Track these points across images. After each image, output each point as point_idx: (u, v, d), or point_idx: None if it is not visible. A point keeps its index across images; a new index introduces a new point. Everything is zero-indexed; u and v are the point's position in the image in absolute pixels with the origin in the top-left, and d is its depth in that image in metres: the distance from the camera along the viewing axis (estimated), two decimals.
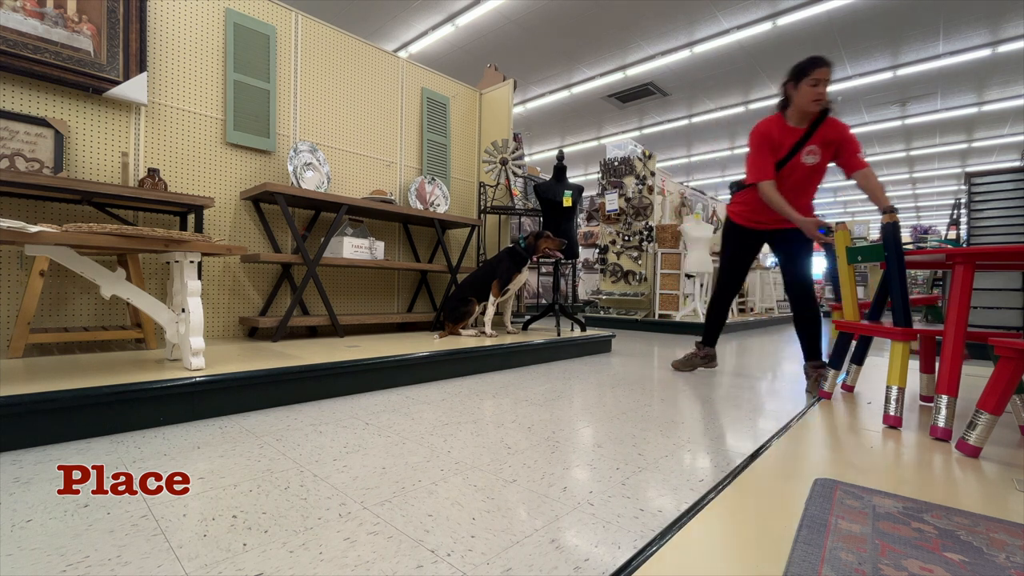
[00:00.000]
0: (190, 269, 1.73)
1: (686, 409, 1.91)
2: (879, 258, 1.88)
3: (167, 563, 0.79)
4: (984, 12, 5.56)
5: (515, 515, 0.99)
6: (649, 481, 1.18)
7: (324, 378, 1.96)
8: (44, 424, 1.34)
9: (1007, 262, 1.74)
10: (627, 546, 0.88)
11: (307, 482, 1.13)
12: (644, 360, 3.26)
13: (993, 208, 4.03)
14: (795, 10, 5.67)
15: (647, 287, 5.94)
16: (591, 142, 10.72)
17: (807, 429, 1.64)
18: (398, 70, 3.74)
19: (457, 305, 3.13)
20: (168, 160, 2.65)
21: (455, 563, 0.81)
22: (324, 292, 2.88)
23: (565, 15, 5.97)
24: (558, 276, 3.72)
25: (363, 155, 3.53)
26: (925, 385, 2.11)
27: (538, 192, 3.56)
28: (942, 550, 0.85)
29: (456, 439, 1.47)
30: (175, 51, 2.67)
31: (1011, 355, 1.33)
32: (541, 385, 2.32)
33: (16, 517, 0.93)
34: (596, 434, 1.55)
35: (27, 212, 2.25)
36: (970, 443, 1.39)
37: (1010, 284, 3.75)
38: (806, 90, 2.10)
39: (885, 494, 1.09)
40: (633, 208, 5.96)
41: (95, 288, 2.44)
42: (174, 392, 1.56)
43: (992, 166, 11.34)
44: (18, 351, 1.95)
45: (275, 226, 3.11)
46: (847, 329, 2.05)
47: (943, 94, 7.69)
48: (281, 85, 3.08)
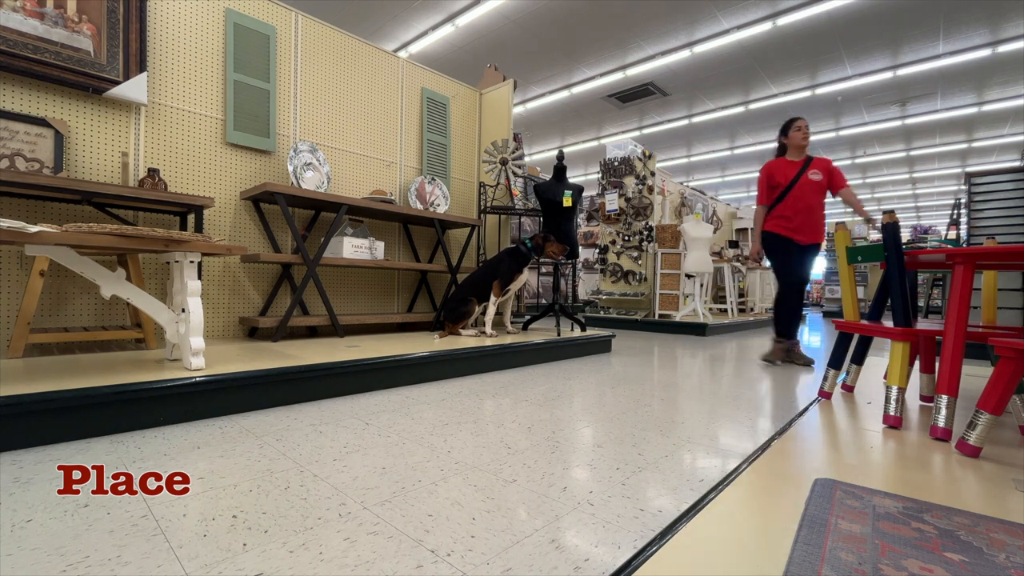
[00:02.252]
0: (190, 269, 1.73)
1: (686, 409, 1.91)
2: (879, 258, 1.88)
3: (167, 563, 0.79)
4: (984, 12, 5.56)
5: (515, 515, 0.99)
6: (649, 481, 1.18)
7: (324, 378, 1.96)
8: (44, 424, 1.34)
9: (1007, 262, 1.74)
10: (627, 546, 0.88)
11: (307, 482, 1.13)
12: (644, 360, 3.26)
13: (993, 208, 4.03)
14: (795, 10, 5.67)
15: (647, 287, 5.94)
16: (591, 142, 10.72)
17: (807, 429, 1.64)
18: (398, 70, 3.74)
19: (457, 305, 3.13)
20: (168, 160, 2.65)
21: (455, 563, 0.81)
22: (324, 292, 2.88)
23: (565, 15, 5.97)
24: (558, 276, 3.72)
25: (363, 155, 3.53)
26: (925, 385, 2.11)
27: (538, 192, 3.56)
28: (942, 550, 0.85)
29: (456, 439, 1.47)
30: (175, 51, 2.67)
31: (1011, 355, 1.33)
32: (541, 385, 2.32)
33: (16, 517, 0.93)
34: (596, 434, 1.55)
35: (27, 212, 2.25)
36: (970, 443, 1.39)
37: (1010, 284, 3.75)
38: (794, 135, 3.13)
39: (885, 494, 1.09)
40: (633, 208, 5.96)
41: (95, 288, 2.44)
42: (174, 392, 1.56)
43: (992, 166, 11.34)
44: (18, 351, 1.95)
45: (275, 226, 3.11)
46: (847, 329, 2.05)
47: (943, 94, 7.69)
48: (281, 85, 3.08)
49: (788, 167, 3.12)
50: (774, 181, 3.13)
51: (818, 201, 3.06)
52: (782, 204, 3.10)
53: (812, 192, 3.05)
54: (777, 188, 3.12)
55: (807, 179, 3.05)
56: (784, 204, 3.08)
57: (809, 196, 3.04)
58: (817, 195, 3.06)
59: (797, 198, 3.05)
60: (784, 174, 3.11)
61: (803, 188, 3.05)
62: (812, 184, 3.05)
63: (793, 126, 3.12)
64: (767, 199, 3.17)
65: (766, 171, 3.16)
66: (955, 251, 1.56)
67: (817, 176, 3.05)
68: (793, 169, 3.11)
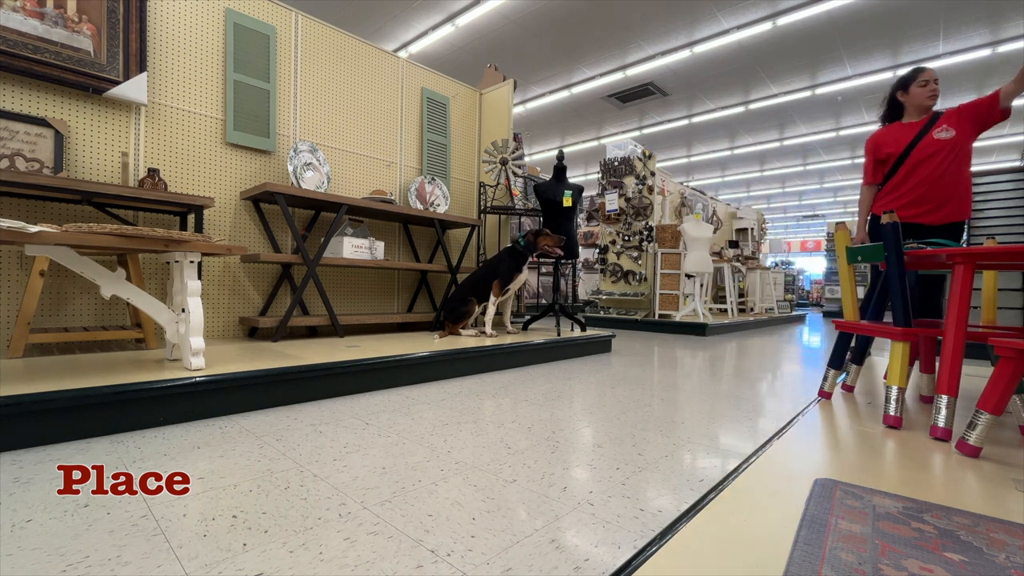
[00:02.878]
0: (190, 269, 1.73)
1: (686, 409, 1.91)
2: (879, 258, 1.88)
3: (167, 563, 0.79)
4: (984, 12, 5.56)
5: (515, 515, 0.98)
6: (649, 481, 1.18)
7: (324, 378, 1.96)
8: (44, 424, 1.34)
9: (1007, 262, 1.74)
10: (627, 546, 0.88)
11: (307, 482, 1.13)
12: (644, 360, 3.26)
13: (993, 208, 4.03)
14: (795, 10, 5.67)
15: (647, 287, 5.94)
16: (591, 142, 10.72)
17: (807, 429, 1.64)
18: (398, 70, 3.74)
19: (457, 305, 3.13)
20: (168, 160, 2.65)
21: (455, 563, 0.81)
22: (324, 292, 2.88)
23: (565, 15, 5.97)
24: (558, 276, 3.72)
25: (363, 155, 3.53)
26: (925, 385, 2.11)
27: (538, 192, 3.56)
28: (942, 550, 0.85)
29: (456, 439, 1.47)
30: (175, 51, 2.67)
31: (1011, 355, 1.33)
32: (541, 385, 2.32)
33: (16, 517, 0.93)
34: (596, 434, 1.55)
35: (27, 212, 2.25)
36: (970, 443, 1.39)
37: (1010, 284, 3.75)
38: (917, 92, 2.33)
39: (885, 494, 1.09)
40: (633, 208, 5.96)
41: (95, 288, 2.44)
42: (174, 392, 1.56)
43: (992, 166, 11.33)
44: (18, 351, 1.95)
45: (275, 226, 3.11)
46: (847, 329, 2.05)
47: (943, 94, 7.68)
48: (281, 85, 3.08)
49: (902, 132, 2.37)
50: (882, 153, 2.39)
51: (952, 168, 2.23)
52: (895, 177, 2.37)
53: (941, 156, 2.24)
54: (888, 161, 2.38)
55: (931, 139, 2.27)
56: (898, 177, 2.35)
57: (936, 162, 2.25)
58: (949, 160, 2.23)
59: (915, 167, 2.30)
60: (896, 141, 2.36)
61: (925, 151, 2.27)
62: (939, 145, 2.25)
63: (918, 79, 2.32)
64: (873, 176, 2.44)
65: (872, 143, 2.44)
66: (955, 251, 1.55)
67: (946, 133, 2.23)
68: (910, 132, 2.34)
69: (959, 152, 2.22)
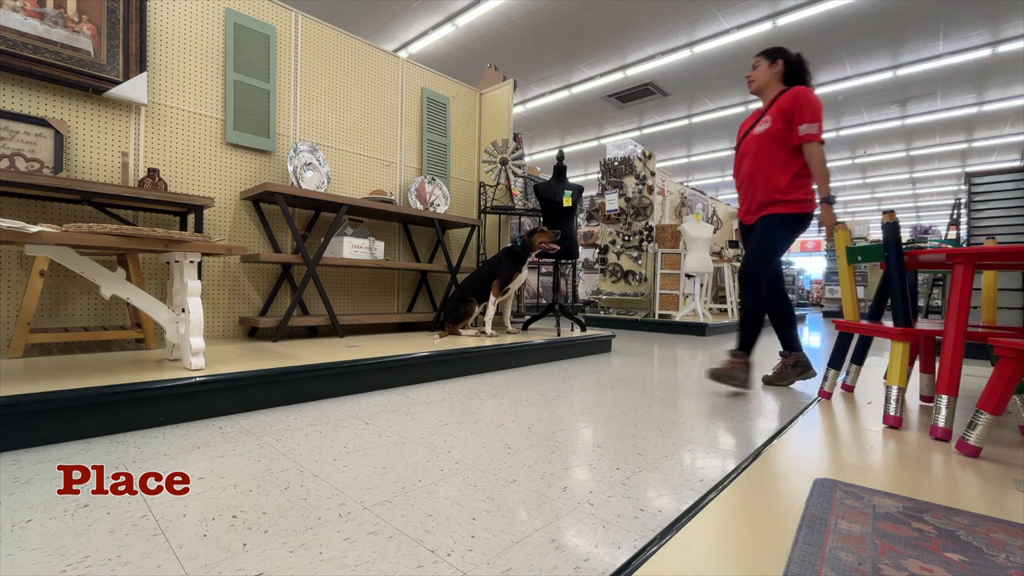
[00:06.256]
0: (190, 269, 1.73)
1: (686, 409, 1.91)
2: (879, 258, 1.88)
3: (167, 563, 0.79)
4: (984, 12, 5.56)
5: (515, 515, 0.98)
6: (649, 481, 1.18)
7: (324, 378, 1.96)
8: (44, 424, 1.34)
9: (1007, 262, 1.74)
10: (627, 546, 0.88)
11: (307, 482, 1.13)
12: (644, 360, 3.26)
13: (993, 208, 4.03)
14: (795, 10, 5.67)
15: (647, 287, 5.94)
16: (591, 142, 10.72)
17: (807, 429, 1.64)
18: (398, 70, 3.74)
19: (457, 305, 3.13)
20: (168, 160, 2.65)
21: (455, 563, 0.81)
22: (324, 292, 2.88)
23: (565, 15, 5.96)
24: (558, 276, 3.72)
25: (363, 155, 3.53)
26: (925, 385, 2.11)
27: (538, 192, 3.56)
28: (942, 550, 0.85)
29: (456, 439, 1.47)
30: (175, 51, 2.67)
31: (1011, 355, 1.33)
32: (541, 385, 2.32)
33: (16, 517, 0.93)
34: (596, 434, 1.55)
35: (27, 212, 2.25)
36: (970, 443, 1.39)
37: (1010, 284, 3.75)
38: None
39: (885, 494, 1.09)
40: (633, 208, 5.96)
41: (95, 288, 2.44)
42: (174, 392, 1.56)
43: (992, 166, 11.33)
44: (18, 351, 1.95)
45: (275, 226, 3.10)
46: (847, 329, 2.05)
47: (943, 94, 7.69)
48: (281, 85, 3.08)
49: (747, 121, 2.35)
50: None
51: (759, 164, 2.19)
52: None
53: (754, 151, 2.21)
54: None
55: (752, 136, 2.24)
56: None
57: (750, 159, 2.22)
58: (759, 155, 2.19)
59: (739, 164, 2.31)
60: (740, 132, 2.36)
61: (747, 147, 2.26)
62: (753, 141, 2.23)
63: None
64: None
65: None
66: (955, 251, 1.56)
67: (763, 126, 2.19)
68: (749, 122, 2.33)
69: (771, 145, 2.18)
